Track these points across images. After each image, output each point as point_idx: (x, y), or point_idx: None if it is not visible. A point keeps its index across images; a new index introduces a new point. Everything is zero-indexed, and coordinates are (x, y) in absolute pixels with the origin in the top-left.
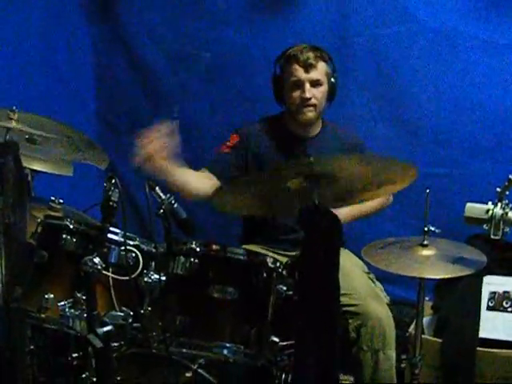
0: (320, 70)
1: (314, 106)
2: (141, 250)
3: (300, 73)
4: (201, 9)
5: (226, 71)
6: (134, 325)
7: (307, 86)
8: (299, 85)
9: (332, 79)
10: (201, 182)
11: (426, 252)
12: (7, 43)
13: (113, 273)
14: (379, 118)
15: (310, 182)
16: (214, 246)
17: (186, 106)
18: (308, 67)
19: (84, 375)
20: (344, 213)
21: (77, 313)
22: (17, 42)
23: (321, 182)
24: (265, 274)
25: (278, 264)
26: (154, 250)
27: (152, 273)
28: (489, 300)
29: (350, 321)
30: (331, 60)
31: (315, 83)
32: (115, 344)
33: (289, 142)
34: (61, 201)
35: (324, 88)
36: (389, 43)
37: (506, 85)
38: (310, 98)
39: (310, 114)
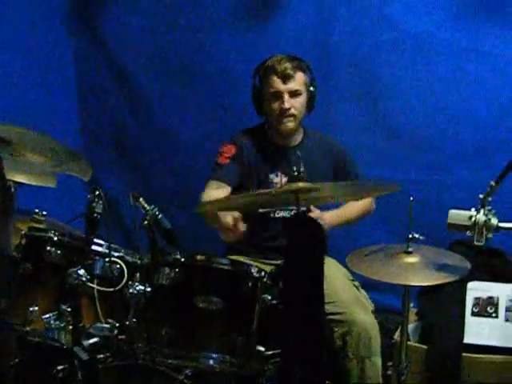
0: (298, 80)
1: (294, 116)
2: (125, 262)
3: (278, 84)
4: (184, 19)
5: (210, 81)
6: (120, 336)
7: (286, 96)
8: (278, 96)
9: (311, 88)
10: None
11: (410, 259)
12: None
13: (98, 284)
14: (363, 126)
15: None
16: (199, 257)
17: (169, 116)
18: (286, 78)
19: None
20: (328, 217)
21: (62, 325)
22: None
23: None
24: (250, 284)
25: (262, 273)
26: (138, 261)
27: (137, 284)
28: (473, 306)
29: (335, 329)
30: (310, 69)
31: (294, 93)
32: (101, 356)
33: (272, 153)
34: (44, 213)
35: (303, 98)
36: (371, 51)
37: (488, 92)
38: (289, 109)
39: (290, 124)
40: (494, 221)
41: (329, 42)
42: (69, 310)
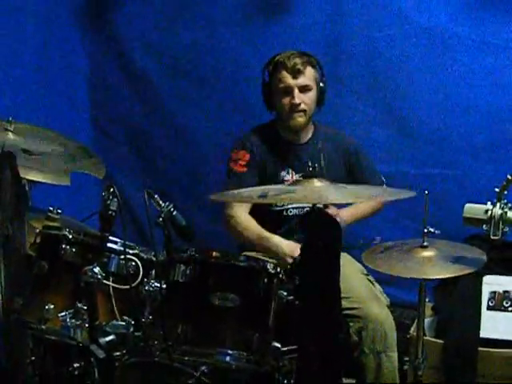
0: (308, 76)
1: (304, 111)
2: (141, 259)
3: (288, 79)
4: (195, 15)
5: (220, 78)
6: (136, 333)
7: (296, 91)
8: (288, 91)
9: (321, 84)
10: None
11: (426, 253)
12: (0, 53)
13: (113, 282)
14: (375, 121)
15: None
16: (214, 253)
17: (181, 112)
18: (296, 73)
19: None
20: (344, 214)
21: (78, 323)
22: (10, 52)
23: None
24: (266, 280)
25: (278, 269)
26: (153, 259)
27: (152, 281)
28: (489, 300)
29: (351, 324)
30: (319, 65)
31: (304, 88)
32: (117, 353)
33: (282, 149)
34: (59, 211)
35: (313, 93)
36: (383, 46)
37: (501, 84)
38: (299, 104)
39: (300, 119)
40: (511, 214)
41: (340, 37)
42: (84, 307)
